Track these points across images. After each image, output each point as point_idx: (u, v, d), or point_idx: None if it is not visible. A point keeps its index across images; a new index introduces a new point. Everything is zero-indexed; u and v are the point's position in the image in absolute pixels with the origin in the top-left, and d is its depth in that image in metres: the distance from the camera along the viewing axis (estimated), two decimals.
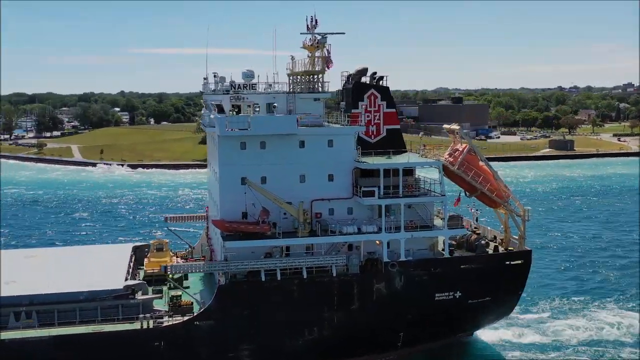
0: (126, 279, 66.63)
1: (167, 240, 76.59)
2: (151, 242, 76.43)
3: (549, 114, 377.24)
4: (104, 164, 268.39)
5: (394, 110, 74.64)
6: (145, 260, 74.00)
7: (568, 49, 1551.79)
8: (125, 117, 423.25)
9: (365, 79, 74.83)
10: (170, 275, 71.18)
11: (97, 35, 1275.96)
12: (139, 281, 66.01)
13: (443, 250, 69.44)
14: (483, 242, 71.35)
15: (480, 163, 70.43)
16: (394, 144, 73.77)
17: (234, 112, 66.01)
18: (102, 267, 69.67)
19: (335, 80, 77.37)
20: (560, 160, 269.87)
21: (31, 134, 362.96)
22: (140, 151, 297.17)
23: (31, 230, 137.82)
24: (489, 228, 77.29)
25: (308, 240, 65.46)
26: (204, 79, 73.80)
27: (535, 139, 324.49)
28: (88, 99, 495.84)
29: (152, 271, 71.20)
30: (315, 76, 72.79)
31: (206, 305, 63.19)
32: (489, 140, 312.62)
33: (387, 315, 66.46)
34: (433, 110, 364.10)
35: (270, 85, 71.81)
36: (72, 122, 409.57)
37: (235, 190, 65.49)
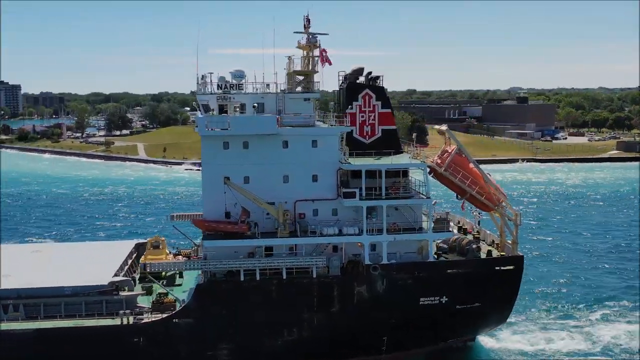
0: (116, 275, 68.03)
1: (164, 238, 77.73)
2: (148, 239, 77.74)
3: (621, 115, 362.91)
4: (165, 162, 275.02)
5: (389, 110, 73.52)
6: (142, 257, 75.39)
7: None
8: (194, 116, 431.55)
9: (363, 79, 74.13)
10: (163, 273, 72.55)
11: (177, 36, 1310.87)
12: (124, 278, 67.24)
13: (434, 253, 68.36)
14: (474, 246, 69.47)
15: (470, 165, 68.66)
16: (389, 144, 72.63)
17: (213, 112, 66.60)
18: (97, 263, 71.24)
19: (335, 81, 76.84)
20: (628, 163, 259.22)
21: (102, 132, 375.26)
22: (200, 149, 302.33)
23: (79, 225, 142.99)
24: (488, 232, 75.29)
25: (286, 241, 65.32)
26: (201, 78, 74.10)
27: (604, 140, 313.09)
28: (160, 99, 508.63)
29: None
30: (308, 76, 72.64)
31: (185, 303, 63.98)
32: (554, 142, 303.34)
33: (368, 318, 65.60)
34: (498, 110, 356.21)
35: (268, 85, 71.74)
36: (142, 121, 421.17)
37: (219, 190, 66.02)
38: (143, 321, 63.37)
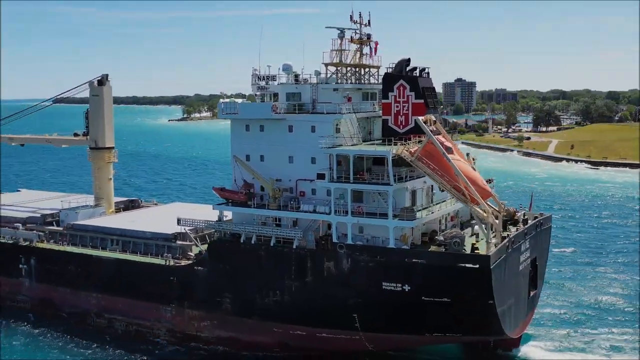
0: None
1: None
2: None
3: None
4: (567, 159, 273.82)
5: (422, 101, 74.13)
6: None
7: None
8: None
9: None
10: None
11: None
12: (183, 231, 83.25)
13: (413, 240, 68.98)
14: (455, 240, 66.53)
15: (443, 157, 65.99)
16: (421, 134, 73.53)
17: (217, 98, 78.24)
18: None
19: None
20: None
21: (528, 128, 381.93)
22: (614, 149, 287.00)
23: None
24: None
25: (268, 212, 73.88)
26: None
27: None
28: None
29: None
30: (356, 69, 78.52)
31: (202, 255, 78.03)
32: None
33: (336, 293, 69.78)
34: None
35: (300, 76, 78.02)
36: (572, 117, 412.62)
37: (242, 165, 77.63)
38: (178, 265, 79.59)
